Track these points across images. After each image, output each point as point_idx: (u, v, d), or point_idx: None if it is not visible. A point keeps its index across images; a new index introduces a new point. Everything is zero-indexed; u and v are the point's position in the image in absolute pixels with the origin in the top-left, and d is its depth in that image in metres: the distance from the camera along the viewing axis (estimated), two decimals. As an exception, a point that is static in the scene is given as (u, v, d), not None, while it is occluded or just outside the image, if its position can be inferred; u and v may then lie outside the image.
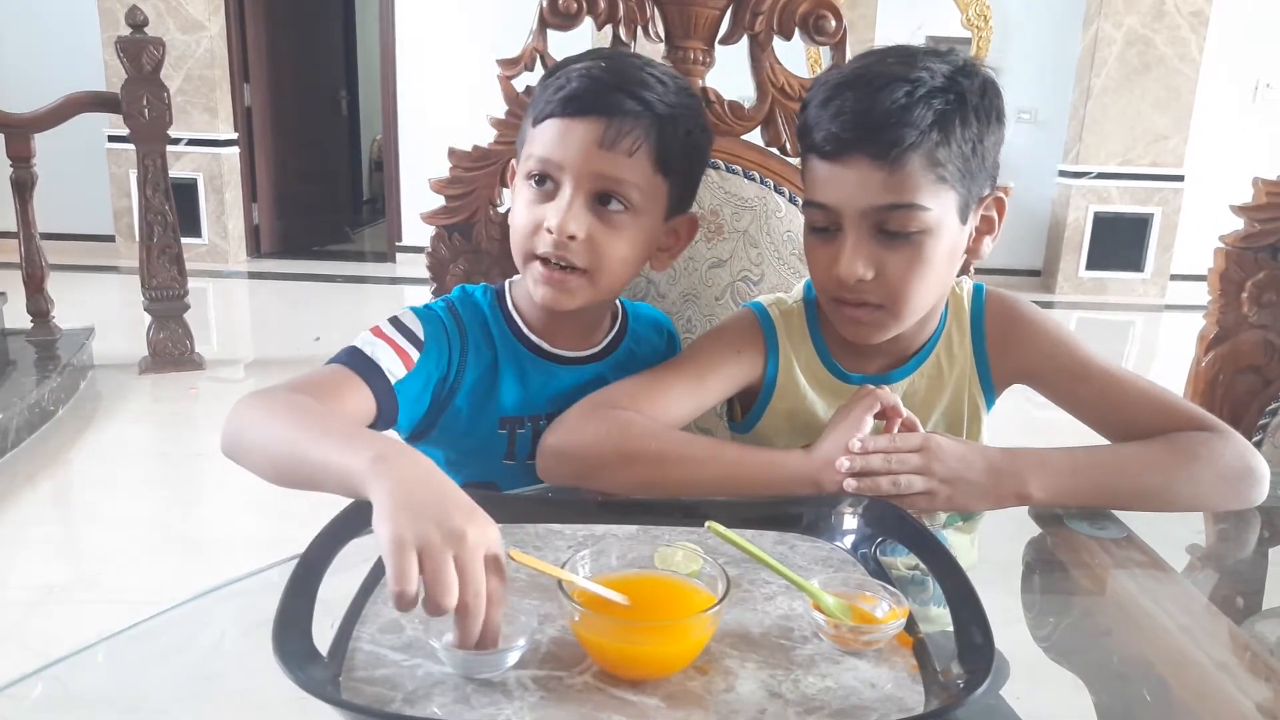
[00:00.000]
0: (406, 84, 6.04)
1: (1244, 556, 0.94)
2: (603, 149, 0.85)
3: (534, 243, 0.88)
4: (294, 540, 0.64)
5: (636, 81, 0.87)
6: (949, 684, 0.56)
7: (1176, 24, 5.38)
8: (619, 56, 0.92)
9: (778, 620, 0.63)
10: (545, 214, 0.87)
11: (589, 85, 0.86)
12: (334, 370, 0.84)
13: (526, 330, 0.96)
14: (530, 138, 0.89)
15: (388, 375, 0.86)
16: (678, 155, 0.90)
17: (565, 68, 0.90)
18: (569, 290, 0.89)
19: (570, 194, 0.86)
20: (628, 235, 0.89)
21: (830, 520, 0.77)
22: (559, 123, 0.86)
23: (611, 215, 0.88)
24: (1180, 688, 0.67)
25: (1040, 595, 0.82)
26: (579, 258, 0.87)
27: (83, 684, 0.61)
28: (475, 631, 0.55)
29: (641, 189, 0.88)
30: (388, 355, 0.87)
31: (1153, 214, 5.66)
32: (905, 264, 0.85)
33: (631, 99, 0.85)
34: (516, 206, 0.91)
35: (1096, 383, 0.93)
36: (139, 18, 3.44)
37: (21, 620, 2.01)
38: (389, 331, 0.89)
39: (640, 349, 1.02)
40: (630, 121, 0.85)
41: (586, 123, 0.85)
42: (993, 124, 0.85)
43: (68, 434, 3.10)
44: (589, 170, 0.85)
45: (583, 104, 0.85)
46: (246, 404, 0.77)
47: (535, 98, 0.91)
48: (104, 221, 5.78)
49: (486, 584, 0.56)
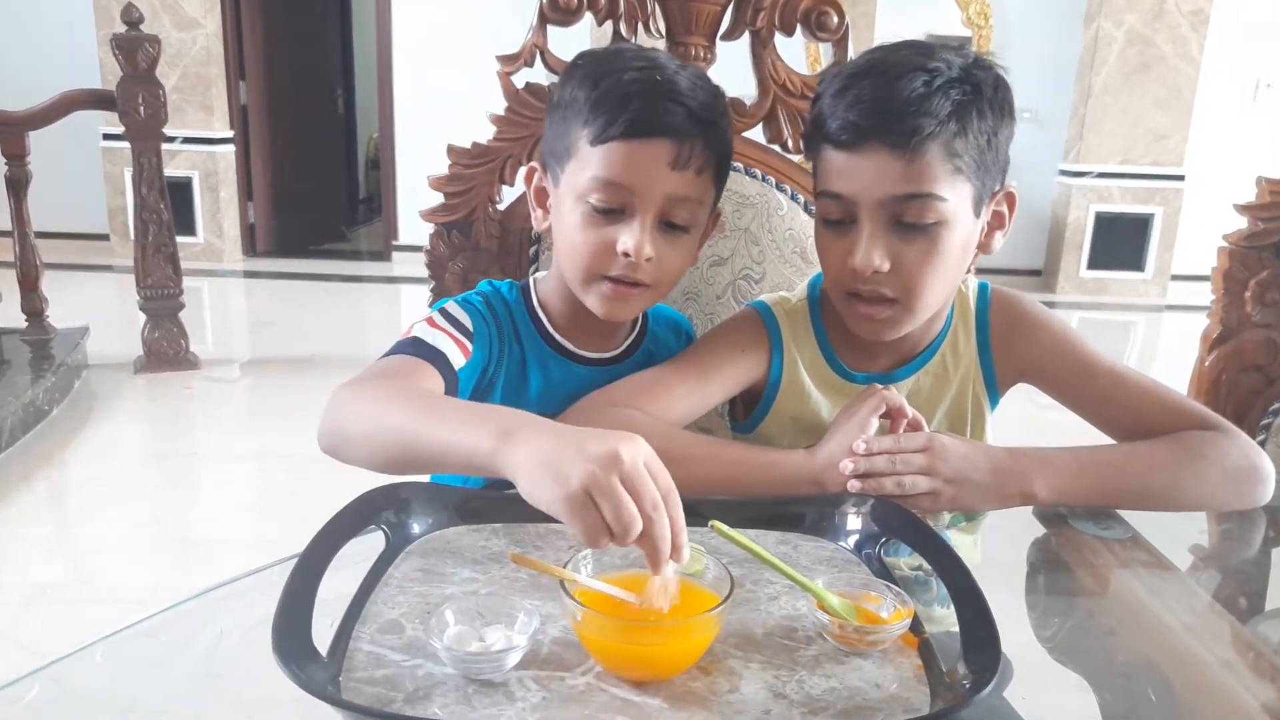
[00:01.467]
0: (403, 82, 6.02)
1: (1248, 556, 0.94)
2: (675, 170, 0.84)
3: (603, 264, 0.87)
4: (289, 540, 0.64)
5: (687, 90, 0.85)
6: (955, 685, 0.56)
7: (1177, 23, 5.38)
8: (659, 63, 0.87)
9: (781, 620, 0.63)
10: (614, 236, 0.86)
11: (651, 103, 0.83)
12: (404, 360, 0.84)
13: (551, 329, 0.96)
14: (586, 158, 0.85)
15: (451, 363, 0.86)
16: (726, 163, 0.92)
17: (611, 76, 0.85)
18: (630, 303, 0.90)
19: (644, 216, 0.85)
20: (688, 246, 0.91)
21: (834, 520, 0.77)
22: (625, 145, 0.83)
23: (676, 232, 0.88)
24: (1185, 688, 0.67)
25: (1045, 595, 0.82)
26: (647, 275, 0.87)
27: (80, 684, 0.60)
28: (667, 543, 0.56)
29: (704, 203, 0.89)
30: (448, 344, 0.87)
31: (1154, 213, 5.65)
32: (921, 256, 0.84)
33: (690, 115, 0.84)
34: (570, 225, 0.88)
35: (1101, 381, 0.93)
36: (134, 15, 3.42)
37: (15, 620, 2.00)
38: (443, 323, 0.90)
39: (658, 350, 1.01)
40: (696, 140, 0.84)
41: (655, 145, 0.83)
42: (1005, 118, 0.85)
43: (62, 433, 3.08)
44: (660, 192, 0.85)
45: (649, 125, 0.83)
46: (345, 396, 0.77)
47: (579, 107, 0.86)
48: (99, 220, 5.76)
49: (658, 489, 0.57)
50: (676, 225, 0.87)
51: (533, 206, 0.97)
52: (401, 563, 0.69)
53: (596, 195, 0.85)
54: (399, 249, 6.22)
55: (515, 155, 1.16)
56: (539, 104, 1.15)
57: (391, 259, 6.26)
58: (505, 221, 1.18)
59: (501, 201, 1.19)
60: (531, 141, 1.16)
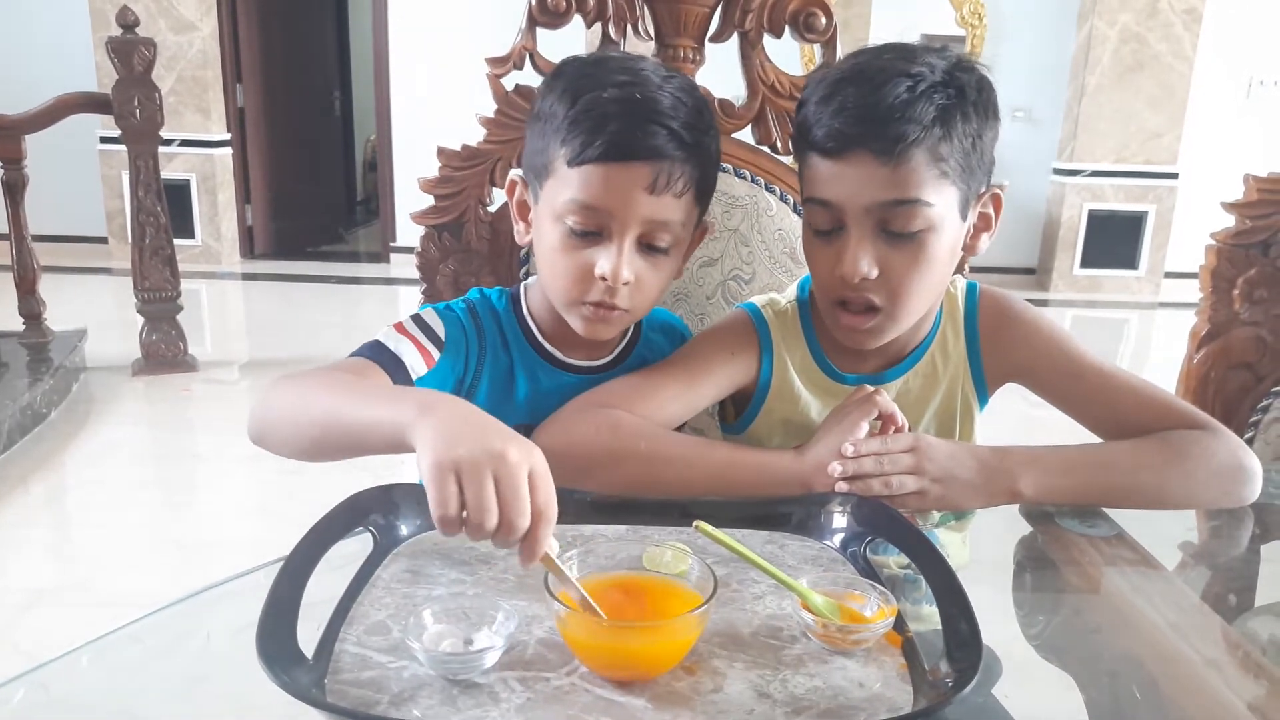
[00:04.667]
0: (400, 84, 6.02)
1: (1236, 554, 0.94)
2: (653, 194, 0.82)
3: (583, 290, 0.86)
4: (287, 543, 0.64)
5: (669, 110, 0.82)
6: (938, 683, 0.56)
7: (1170, 21, 5.39)
8: (642, 77, 0.85)
9: (766, 620, 0.63)
10: (593, 260, 0.84)
11: (629, 125, 0.81)
12: (357, 361, 0.84)
13: (540, 338, 0.96)
14: (564, 178, 0.84)
15: (410, 371, 0.86)
16: (711, 180, 0.90)
17: (591, 92, 0.83)
18: (611, 323, 0.89)
19: (621, 241, 0.84)
20: (669, 267, 0.90)
21: (820, 519, 0.77)
22: (602, 169, 0.81)
23: (656, 254, 0.87)
24: (1170, 685, 0.67)
25: (1031, 593, 0.82)
26: (625, 299, 0.86)
27: (67, 688, 0.60)
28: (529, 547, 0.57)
29: (685, 224, 0.88)
30: (410, 352, 0.87)
31: (1147, 211, 5.66)
32: (909, 261, 0.84)
33: (672, 137, 0.82)
34: (549, 245, 0.87)
35: (1089, 380, 0.93)
36: (130, 18, 3.42)
37: (12, 623, 2.01)
38: (412, 329, 0.89)
39: (652, 357, 1.00)
40: (676, 164, 0.83)
41: (633, 169, 0.82)
42: (990, 119, 0.85)
43: (60, 436, 3.08)
44: (639, 216, 0.83)
45: (627, 148, 0.81)
46: (275, 387, 0.77)
47: (557, 123, 0.84)
48: (96, 223, 5.75)
49: (532, 502, 0.57)
50: (656, 248, 0.86)
51: (515, 219, 0.95)
52: (389, 564, 0.69)
53: (573, 218, 0.84)
54: (396, 251, 6.22)
55: (505, 157, 1.17)
56: (529, 106, 1.15)
57: (389, 261, 6.26)
58: (495, 224, 1.19)
59: (492, 204, 1.19)
60: (521, 144, 1.16)
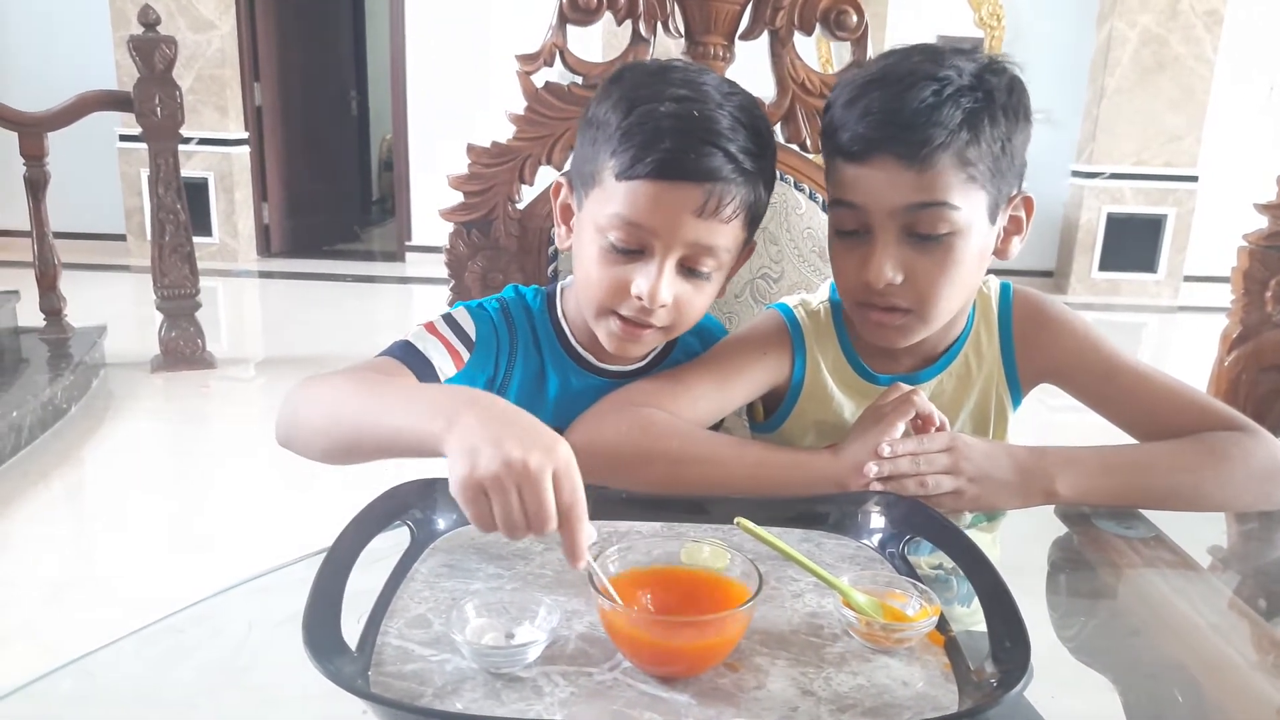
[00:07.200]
0: (416, 84, 6.04)
1: (1269, 556, 0.93)
2: (701, 218, 0.80)
3: (615, 301, 0.84)
4: (306, 538, 0.64)
5: (726, 130, 0.79)
6: (983, 683, 0.55)
7: (1191, 23, 5.35)
8: (703, 93, 0.81)
9: (806, 618, 0.63)
10: (630, 276, 0.82)
11: (683, 144, 0.78)
12: (385, 361, 0.84)
13: (573, 339, 0.95)
14: (610, 191, 0.81)
15: (438, 373, 0.85)
16: (764, 204, 0.87)
17: (647, 104, 0.80)
18: (642, 342, 0.88)
19: (662, 261, 0.81)
20: (710, 290, 0.87)
21: (857, 518, 0.77)
22: (650, 186, 0.79)
23: (698, 278, 0.85)
24: (1214, 689, 0.67)
25: (1066, 595, 0.81)
26: (661, 319, 0.84)
27: (111, 678, 0.61)
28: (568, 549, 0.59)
29: (731, 250, 0.85)
30: (439, 352, 0.86)
31: (1166, 214, 5.63)
32: (936, 267, 0.83)
33: (727, 159, 0.79)
34: (588, 256, 0.85)
35: (1125, 381, 0.92)
36: (152, 16, 3.45)
37: (35, 617, 2.02)
38: (442, 329, 0.89)
39: (686, 359, 0.98)
40: (729, 187, 0.80)
41: (682, 190, 0.79)
42: (1021, 122, 0.84)
43: (80, 432, 3.11)
44: (683, 239, 0.81)
45: (678, 168, 0.78)
46: (302, 390, 0.77)
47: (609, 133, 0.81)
48: (116, 220, 5.80)
49: (557, 503, 0.58)
50: (702, 270, 0.84)
51: (557, 223, 0.94)
52: (427, 558, 0.69)
53: (616, 233, 0.81)
54: (412, 249, 6.24)
55: (535, 155, 1.17)
56: (558, 103, 1.15)
57: (405, 260, 6.28)
58: (525, 220, 1.19)
59: (521, 201, 1.19)
60: (551, 141, 1.16)
